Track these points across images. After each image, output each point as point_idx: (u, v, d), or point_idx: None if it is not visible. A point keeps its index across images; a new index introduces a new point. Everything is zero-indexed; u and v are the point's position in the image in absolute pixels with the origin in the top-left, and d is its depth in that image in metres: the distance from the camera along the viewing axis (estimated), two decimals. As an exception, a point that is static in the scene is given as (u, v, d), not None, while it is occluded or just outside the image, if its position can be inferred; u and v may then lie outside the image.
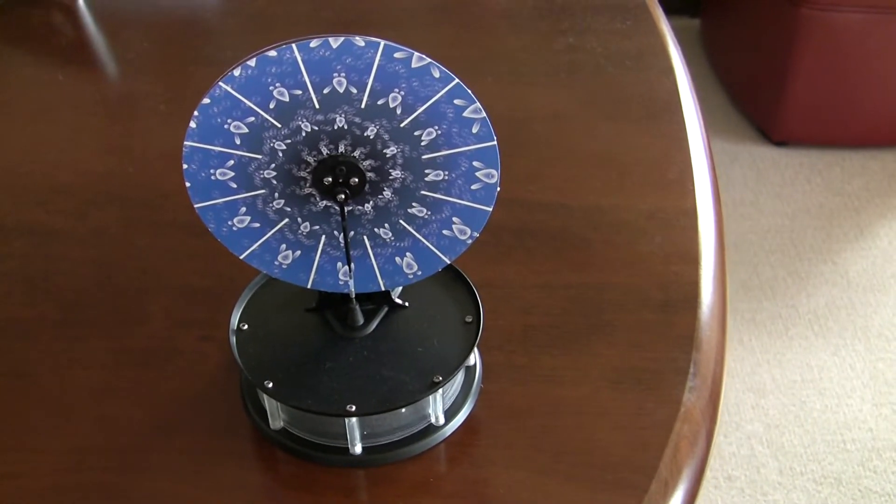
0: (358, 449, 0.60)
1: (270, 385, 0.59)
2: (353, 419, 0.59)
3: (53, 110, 0.97)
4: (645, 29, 1.02)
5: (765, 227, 2.03)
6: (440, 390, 0.60)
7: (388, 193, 0.58)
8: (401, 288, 0.64)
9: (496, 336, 0.67)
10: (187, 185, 0.58)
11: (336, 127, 0.56)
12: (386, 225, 0.59)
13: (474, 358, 0.65)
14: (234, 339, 0.62)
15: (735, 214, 2.05)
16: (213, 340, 0.70)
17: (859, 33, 2.11)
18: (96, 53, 1.07)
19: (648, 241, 0.76)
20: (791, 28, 2.13)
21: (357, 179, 0.57)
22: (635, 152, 0.86)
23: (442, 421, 0.62)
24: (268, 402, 0.61)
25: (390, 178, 0.57)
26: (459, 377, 0.64)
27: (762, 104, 2.27)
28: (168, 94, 0.96)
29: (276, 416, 0.61)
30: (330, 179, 0.57)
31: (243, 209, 0.59)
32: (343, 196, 0.57)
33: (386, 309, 0.64)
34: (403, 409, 0.60)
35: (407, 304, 0.64)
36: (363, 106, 0.55)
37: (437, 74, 0.54)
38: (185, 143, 0.56)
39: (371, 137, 0.56)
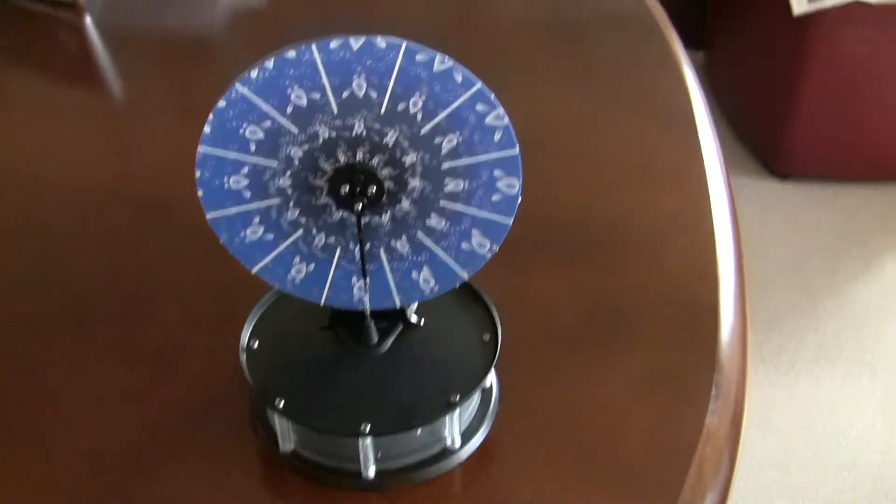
0: (371, 472, 0.58)
1: (281, 404, 0.57)
2: (367, 440, 0.57)
3: (63, 117, 0.96)
4: (656, 47, 1.00)
5: (771, 260, 2.02)
6: (457, 411, 0.58)
7: (406, 204, 0.56)
8: (416, 305, 0.62)
9: (519, 338, 0.65)
10: (199, 193, 0.56)
11: (355, 133, 0.54)
12: (403, 237, 0.57)
13: (491, 379, 0.63)
14: (244, 358, 0.60)
15: (740, 246, 2.03)
16: (226, 340, 0.67)
17: (862, 67, 2.10)
18: (104, 66, 1.06)
19: (669, 244, 0.76)
20: (794, 61, 2.12)
21: (375, 188, 0.55)
22: (652, 165, 0.85)
23: (458, 444, 0.59)
24: (278, 423, 0.58)
25: (409, 187, 0.55)
26: (476, 398, 0.61)
27: (767, 138, 2.26)
28: (177, 104, 0.95)
29: (287, 437, 0.59)
30: (347, 188, 0.55)
31: (257, 219, 0.57)
32: (360, 206, 0.55)
33: (401, 327, 0.61)
34: (419, 431, 0.58)
35: (423, 321, 0.62)
36: (383, 111, 0.53)
37: (459, 78, 0.52)
38: (199, 148, 0.54)
39: (390, 145, 0.54)
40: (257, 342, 0.61)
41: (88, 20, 1.10)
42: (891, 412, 1.71)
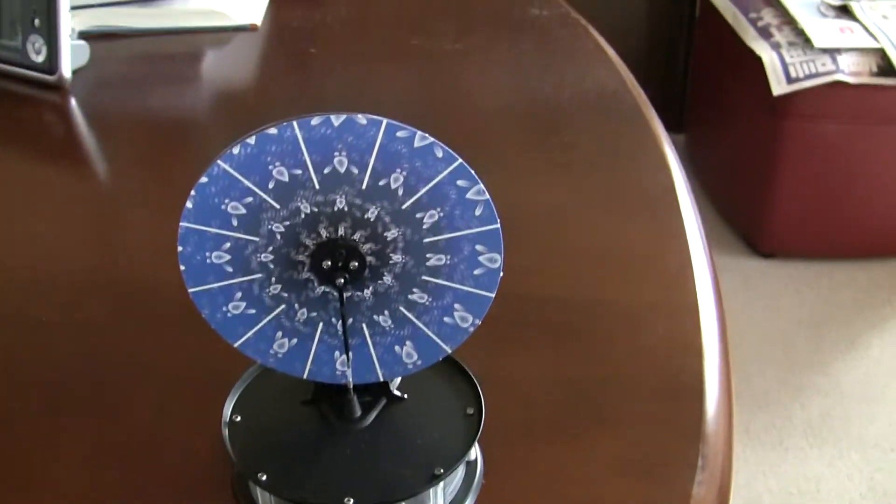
0: (355, 546, 0.57)
1: (264, 478, 0.57)
2: (351, 514, 0.56)
3: (41, 204, 0.95)
4: (638, 129, 1.02)
5: (756, 338, 2.02)
6: (441, 484, 0.58)
7: (388, 279, 0.56)
8: (399, 379, 0.62)
9: (496, 430, 0.65)
10: (182, 268, 0.56)
11: (336, 208, 0.54)
12: (386, 312, 0.58)
13: (475, 452, 0.63)
14: (226, 431, 0.60)
15: (725, 324, 2.04)
16: (202, 434, 0.67)
17: (842, 145, 2.13)
18: (87, 150, 1.07)
19: (650, 333, 0.75)
20: (774, 140, 2.15)
21: (357, 263, 0.55)
22: (634, 246, 0.85)
23: (443, 517, 0.59)
24: (261, 497, 0.58)
25: (391, 262, 0.56)
26: (461, 472, 0.61)
27: (748, 217, 2.29)
28: (159, 188, 0.95)
29: (270, 512, 0.59)
30: (329, 263, 0.55)
31: (239, 294, 0.57)
32: (342, 280, 0.55)
33: (384, 401, 0.61)
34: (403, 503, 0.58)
35: (406, 395, 0.62)
36: (364, 187, 0.54)
37: (439, 154, 0.53)
38: (181, 223, 0.55)
39: (371, 220, 0.55)
40: (240, 416, 0.61)
41: (73, 102, 1.11)
42: (879, 490, 1.70)
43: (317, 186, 0.54)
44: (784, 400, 1.89)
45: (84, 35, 1.21)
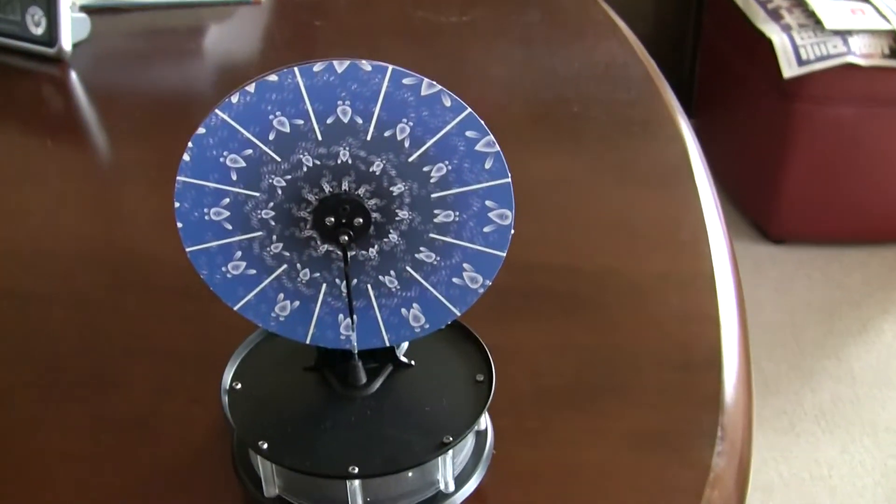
0: (360, 517, 0.55)
1: (265, 446, 0.54)
2: (356, 482, 0.54)
3: (40, 176, 0.93)
4: (649, 99, 0.99)
5: (766, 324, 1.99)
6: (450, 453, 0.55)
7: (394, 236, 0.54)
8: (406, 345, 0.60)
9: (506, 400, 0.62)
10: (179, 225, 0.54)
11: (339, 161, 0.52)
12: (392, 272, 0.55)
13: (485, 422, 0.60)
14: (225, 399, 0.57)
15: (736, 309, 2.01)
16: (201, 405, 0.65)
17: (852, 128, 2.10)
18: (86, 122, 1.04)
19: (664, 302, 0.72)
20: (784, 124, 2.13)
21: (361, 220, 0.53)
22: (646, 216, 0.82)
23: (452, 487, 0.56)
24: (262, 466, 0.56)
25: (397, 219, 0.53)
26: (470, 441, 0.59)
27: (759, 202, 2.26)
28: (158, 162, 0.93)
29: (271, 481, 0.56)
30: (332, 220, 0.53)
31: (238, 254, 0.54)
32: (346, 238, 0.53)
33: (390, 368, 0.59)
34: (410, 473, 0.55)
35: (413, 362, 0.59)
36: (369, 138, 0.51)
37: (448, 103, 0.51)
38: (178, 178, 0.52)
39: (377, 174, 0.52)
40: (240, 384, 0.59)
41: (73, 75, 1.09)
42: (892, 475, 1.67)
43: (319, 138, 0.51)
44: (795, 385, 1.86)
45: (85, 9, 1.19)
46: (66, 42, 1.10)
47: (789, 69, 2.03)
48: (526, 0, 1.25)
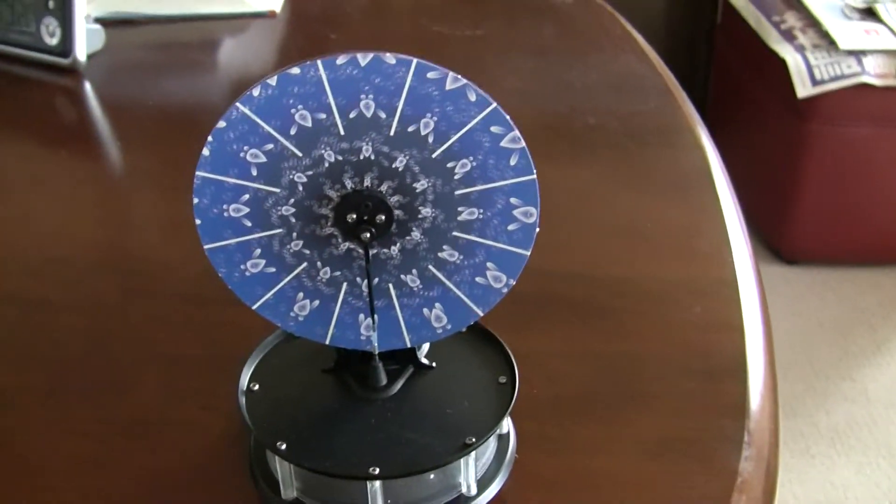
0: (380, 520, 0.54)
1: (283, 447, 0.53)
2: (376, 484, 0.53)
3: (50, 183, 0.93)
4: (667, 109, 0.98)
5: (780, 344, 1.97)
6: (473, 455, 0.54)
7: (416, 234, 0.53)
8: (427, 347, 0.59)
9: (525, 406, 0.61)
10: (197, 222, 0.53)
11: (362, 157, 0.51)
12: (414, 271, 0.54)
13: (508, 425, 0.59)
14: (242, 400, 0.56)
15: (749, 329, 2.00)
16: (212, 411, 0.64)
17: (867, 149, 2.09)
18: (99, 132, 1.04)
19: (684, 310, 0.71)
20: (798, 144, 2.12)
21: (384, 217, 0.52)
22: (665, 225, 0.81)
23: (474, 491, 0.55)
24: (280, 467, 0.55)
25: (420, 216, 0.52)
26: (492, 444, 0.58)
27: (772, 222, 2.25)
28: (171, 173, 0.92)
29: (289, 483, 0.55)
30: (354, 216, 0.52)
31: (258, 251, 0.53)
32: (368, 235, 0.52)
33: (411, 369, 0.58)
34: (432, 475, 0.54)
35: (434, 364, 0.58)
36: (392, 133, 0.50)
37: (472, 98, 0.50)
38: (197, 173, 0.51)
39: (400, 169, 0.51)
40: (257, 385, 0.57)
41: (87, 86, 1.09)
42: (910, 496, 1.66)
43: (342, 132, 0.50)
44: (810, 407, 1.85)
45: (99, 20, 1.18)
46: (81, 53, 1.09)
47: (803, 89, 2.03)
48: (541, 13, 1.25)
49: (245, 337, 0.60)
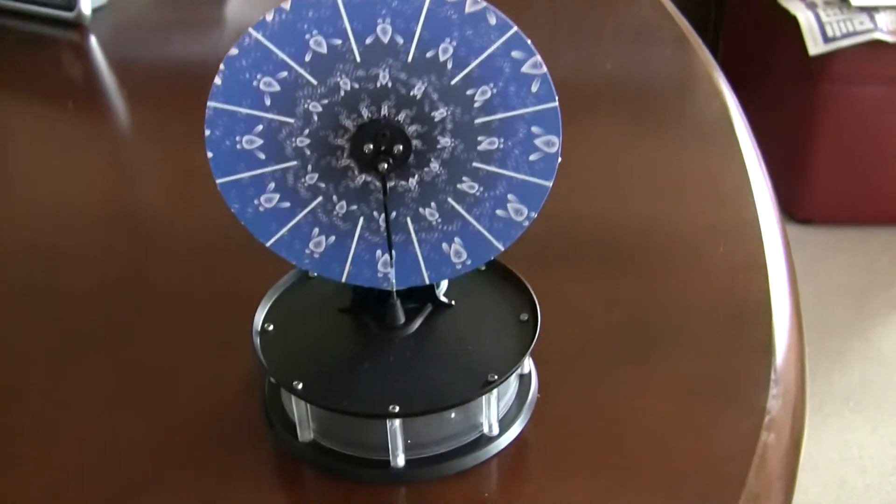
0: (400, 460, 0.52)
1: (300, 386, 0.52)
2: (396, 423, 0.51)
3: (59, 137, 0.91)
4: (685, 57, 0.96)
5: (793, 304, 1.96)
6: (494, 392, 0.52)
7: (435, 166, 0.51)
8: (446, 285, 0.57)
9: (549, 348, 0.59)
10: (209, 155, 0.51)
11: (379, 84, 0.49)
12: (432, 204, 0.52)
13: (529, 365, 0.58)
14: (257, 340, 0.55)
15: (762, 289, 1.99)
16: (228, 358, 0.62)
17: (880, 108, 2.07)
18: (107, 86, 1.02)
19: (709, 252, 0.69)
20: (810, 105, 2.10)
21: (401, 147, 0.50)
22: (686, 170, 0.80)
23: (496, 431, 0.54)
24: (296, 408, 0.53)
25: (438, 146, 0.51)
26: (514, 385, 0.56)
27: (785, 183, 2.22)
28: (179, 124, 0.90)
29: (305, 424, 0.54)
30: (371, 147, 0.50)
31: (272, 185, 0.52)
32: (385, 166, 0.50)
33: (430, 308, 0.56)
34: (453, 414, 0.53)
35: (453, 302, 0.57)
36: (410, 59, 0.49)
37: (493, 21, 0.48)
38: (209, 103, 0.50)
39: (418, 97, 0.50)
40: (272, 326, 0.56)
41: (92, 40, 1.07)
42: (926, 455, 1.64)
43: (358, 59, 0.49)
44: (824, 366, 1.83)
45: (103, -25, 1.16)
46: (86, 6, 1.08)
47: (815, 46, 2.00)
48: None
49: (259, 284, 0.59)
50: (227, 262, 0.71)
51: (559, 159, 0.51)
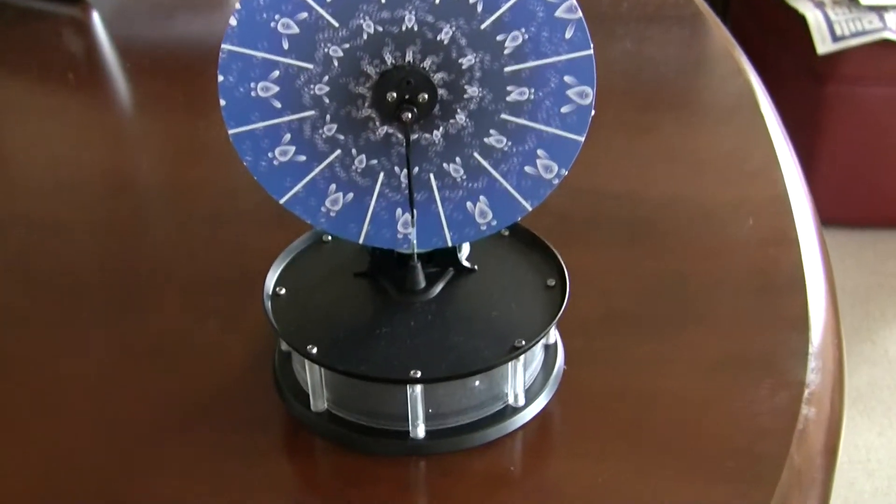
0: (421, 431, 0.49)
1: (314, 350, 0.49)
2: (417, 390, 0.48)
3: (62, 112, 0.88)
4: (704, 36, 0.93)
5: (799, 306, 1.93)
6: (521, 360, 0.49)
7: (461, 117, 0.48)
8: (468, 250, 0.54)
9: (575, 321, 0.56)
10: (222, 103, 0.48)
11: (404, 28, 0.46)
12: (457, 159, 0.49)
13: (555, 335, 0.54)
14: (268, 304, 0.52)
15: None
16: (236, 332, 0.59)
17: (889, 109, 2.04)
18: (109, 62, 0.99)
19: (737, 227, 0.67)
20: (817, 106, 2.07)
21: (426, 96, 0.47)
22: (710, 148, 0.77)
23: (522, 401, 0.51)
24: (309, 376, 0.50)
25: (465, 96, 0.48)
26: (539, 355, 0.53)
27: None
28: (183, 97, 0.87)
29: (319, 393, 0.50)
30: (394, 95, 0.47)
31: (287, 136, 0.49)
32: (409, 116, 0.47)
33: (451, 273, 0.53)
34: (477, 382, 0.49)
35: (476, 267, 0.54)
36: (437, 1, 0.46)
37: (527, -41, 0.45)
38: (223, 46, 0.47)
39: (445, 43, 0.47)
40: (284, 290, 0.53)
41: (95, 16, 1.04)
42: (936, 458, 1.62)
43: (382, 0, 0.46)
44: (830, 369, 1.80)
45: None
46: (87, -18, 1.05)
47: (823, 45, 1.98)
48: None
49: (267, 257, 0.56)
50: (232, 236, 0.68)
51: (593, 112, 0.48)
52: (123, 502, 0.49)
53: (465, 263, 0.53)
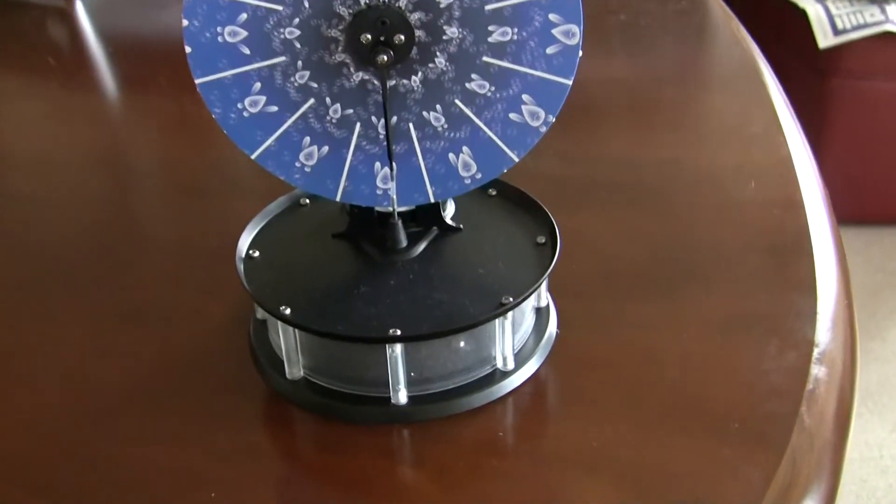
0: (402, 397, 0.46)
1: (287, 311, 0.46)
2: (398, 350, 0.45)
3: (45, 94, 0.86)
4: (702, 8, 0.91)
5: (805, 304, 1.89)
6: (510, 319, 0.46)
7: (441, 61, 0.45)
8: (453, 208, 0.51)
9: (572, 284, 0.53)
10: (187, 50, 0.45)
11: (377, -37, 0.43)
12: (438, 107, 0.46)
13: (547, 298, 0.51)
14: (241, 266, 0.49)
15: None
16: (215, 299, 0.57)
17: (892, 103, 2.01)
18: (92, 46, 0.97)
19: (740, 190, 0.64)
20: (819, 101, 2.04)
21: (403, 37, 0.44)
22: (711, 114, 0.75)
23: (511, 365, 0.47)
24: (283, 341, 0.47)
25: (444, 38, 0.45)
26: (529, 317, 0.50)
27: (791, 185, 2.16)
28: (168, 79, 0.85)
29: (295, 360, 0.47)
30: (369, 37, 0.44)
31: (258, 85, 0.46)
32: (385, 58, 0.44)
33: (435, 232, 0.50)
34: (462, 343, 0.46)
35: (461, 226, 0.51)
36: (412, -68, 0.43)
37: None
38: (185, -15, 0.44)
39: (421, -21, 0.44)
40: (258, 252, 0.50)
41: (79, 6, 1.01)
42: (949, 454, 1.58)
43: (353, -68, 0.43)
44: (839, 366, 1.77)
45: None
46: (70, -29, 1.02)
47: (825, 39, 1.95)
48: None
49: (245, 224, 0.53)
50: (214, 205, 0.66)
51: (580, 53, 0.45)
52: (93, 467, 0.46)
53: (450, 222, 0.50)
